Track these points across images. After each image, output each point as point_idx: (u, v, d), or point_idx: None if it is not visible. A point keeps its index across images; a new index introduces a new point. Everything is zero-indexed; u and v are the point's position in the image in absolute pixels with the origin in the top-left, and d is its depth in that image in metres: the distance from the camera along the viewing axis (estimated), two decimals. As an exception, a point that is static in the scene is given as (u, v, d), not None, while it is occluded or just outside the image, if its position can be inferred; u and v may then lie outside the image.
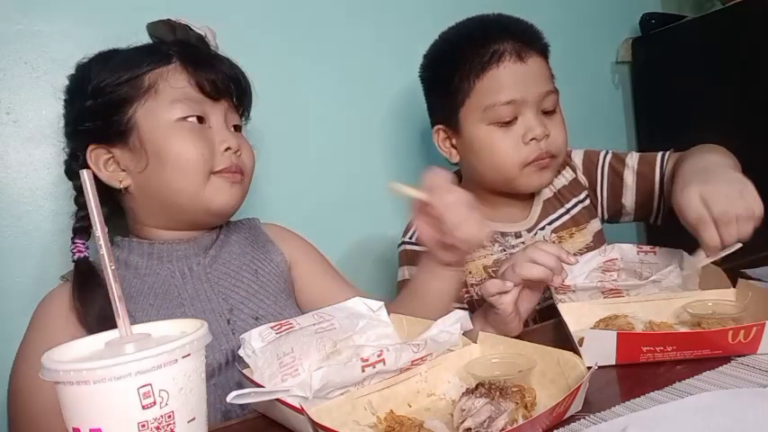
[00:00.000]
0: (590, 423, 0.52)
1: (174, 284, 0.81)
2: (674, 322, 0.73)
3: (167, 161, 0.79)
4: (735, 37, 1.40)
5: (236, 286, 0.84)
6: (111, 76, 0.79)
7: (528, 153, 0.93)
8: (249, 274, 0.86)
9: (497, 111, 0.92)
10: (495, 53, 0.92)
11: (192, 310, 0.79)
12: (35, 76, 1.02)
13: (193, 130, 0.80)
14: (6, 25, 0.99)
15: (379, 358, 0.59)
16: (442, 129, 1.01)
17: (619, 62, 1.68)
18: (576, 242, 1.02)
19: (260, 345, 0.60)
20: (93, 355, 0.43)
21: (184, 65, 0.81)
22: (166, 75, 0.80)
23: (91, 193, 0.43)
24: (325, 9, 1.27)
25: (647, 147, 1.67)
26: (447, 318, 0.67)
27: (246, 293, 0.84)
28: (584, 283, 0.82)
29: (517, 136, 0.93)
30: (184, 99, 0.80)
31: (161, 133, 0.79)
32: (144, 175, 0.80)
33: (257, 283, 0.86)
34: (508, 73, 0.92)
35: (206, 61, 0.83)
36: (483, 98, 0.93)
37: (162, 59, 0.81)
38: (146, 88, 0.79)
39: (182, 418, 0.41)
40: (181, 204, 0.81)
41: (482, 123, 0.94)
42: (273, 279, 0.88)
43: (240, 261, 0.87)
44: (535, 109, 0.93)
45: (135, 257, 0.82)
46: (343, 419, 0.54)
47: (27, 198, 1.02)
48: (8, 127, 1.00)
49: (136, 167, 0.80)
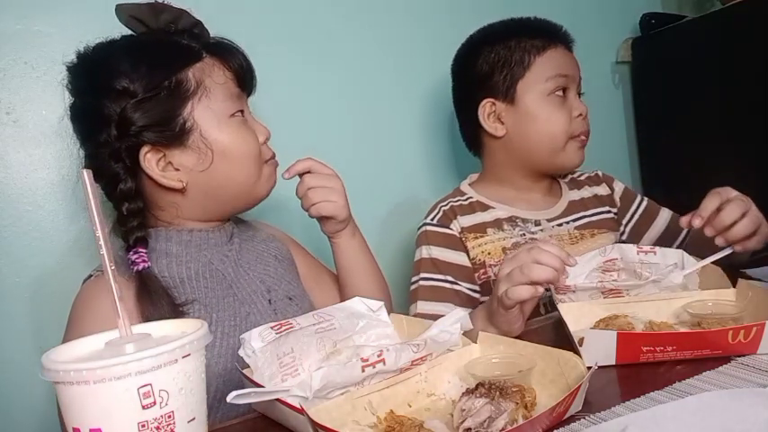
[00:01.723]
0: (590, 423, 0.52)
1: (217, 268, 0.83)
2: (674, 322, 0.73)
3: (232, 155, 0.81)
4: (735, 37, 1.40)
5: (266, 270, 0.89)
6: (151, 78, 0.76)
7: (576, 127, 1.05)
8: (272, 258, 0.91)
9: (557, 81, 1.04)
10: (551, 38, 1.07)
11: (240, 292, 0.83)
12: (35, 76, 1.02)
13: (244, 124, 0.83)
14: (6, 25, 0.99)
15: (379, 358, 0.59)
16: (492, 102, 1.08)
17: (619, 62, 1.68)
18: (596, 242, 1.06)
19: (260, 345, 0.60)
20: (93, 355, 0.43)
21: (216, 59, 0.81)
22: (207, 71, 0.79)
23: (91, 193, 0.43)
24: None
25: (647, 147, 1.68)
26: (447, 318, 0.67)
27: (276, 276, 0.89)
28: (584, 283, 0.82)
29: (568, 110, 1.05)
30: (230, 95, 0.81)
31: (222, 130, 0.80)
32: (206, 173, 0.79)
33: (282, 267, 0.91)
34: (561, 55, 1.07)
35: (230, 52, 0.83)
36: (544, 71, 1.04)
37: (194, 56, 0.79)
38: (194, 87, 0.78)
39: (182, 418, 0.41)
40: (237, 195, 0.84)
41: (543, 94, 1.05)
42: (290, 264, 0.95)
43: (260, 249, 0.92)
44: (576, 90, 1.07)
45: (173, 246, 0.81)
46: (343, 419, 0.54)
47: (27, 198, 1.01)
48: (8, 127, 1.00)
49: (197, 166, 0.79)
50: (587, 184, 1.17)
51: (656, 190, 1.66)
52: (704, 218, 0.82)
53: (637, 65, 1.65)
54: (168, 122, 0.76)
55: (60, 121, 1.02)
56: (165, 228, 0.82)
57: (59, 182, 1.03)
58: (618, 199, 1.16)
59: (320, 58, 1.26)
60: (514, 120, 1.06)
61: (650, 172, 1.68)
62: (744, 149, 1.40)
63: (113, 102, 0.75)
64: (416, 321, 0.72)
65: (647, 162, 1.68)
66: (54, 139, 1.03)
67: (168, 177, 0.78)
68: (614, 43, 1.66)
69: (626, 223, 1.15)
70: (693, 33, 1.52)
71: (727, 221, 0.81)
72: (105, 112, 0.75)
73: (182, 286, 0.78)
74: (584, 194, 1.14)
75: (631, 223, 1.15)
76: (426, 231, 1.06)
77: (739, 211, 0.81)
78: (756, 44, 1.34)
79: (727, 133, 1.44)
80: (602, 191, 1.16)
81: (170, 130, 0.77)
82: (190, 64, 0.78)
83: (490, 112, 1.07)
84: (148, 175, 0.77)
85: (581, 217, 1.10)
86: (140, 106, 0.75)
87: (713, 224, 0.82)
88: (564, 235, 1.06)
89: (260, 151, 0.84)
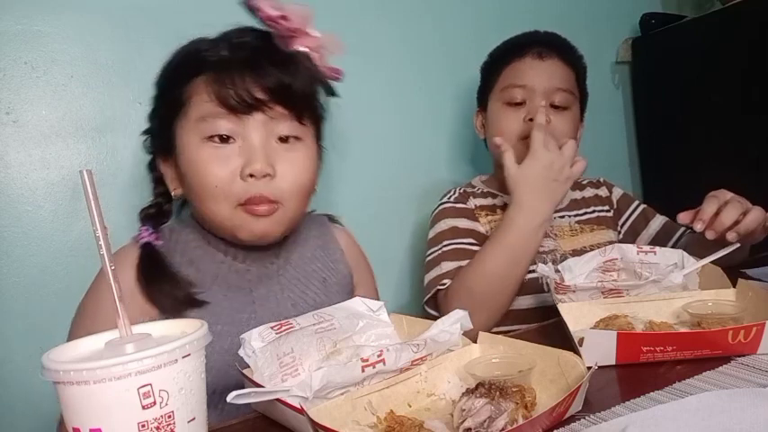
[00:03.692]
0: (590, 423, 0.52)
1: (248, 279, 0.80)
2: (674, 322, 0.73)
3: (191, 187, 0.76)
4: (735, 37, 1.40)
5: (304, 293, 0.83)
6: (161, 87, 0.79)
7: (526, 129, 1.04)
8: (318, 282, 0.85)
9: (510, 91, 1.08)
10: (521, 50, 1.09)
11: (261, 310, 0.79)
12: (35, 76, 1.02)
13: (214, 153, 0.73)
14: (6, 25, 0.99)
15: (379, 358, 0.59)
16: (479, 111, 1.19)
17: (619, 62, 1.68)
18: (595, 236, 1.11)
19: (260, 345, 0.60)
20: (93, 355, 0.43)
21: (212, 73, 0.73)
22: (196, 88, 0.74)
23: (91, 193, 0.43)
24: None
25: (647, 147, 1.68)
26: (447, 318, 0.67)
27: (314, 303, 0.82)
28: (584, 283, 0.82)
29: (521, 116, 1.07)
30: (205, 115, 0.73)
31: (188, 154, 0.74)
32: (188, 194, 0.78)
33: (324, 293, 0.84)
34: (527, 65, 1.08)
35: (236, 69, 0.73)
36: (503, 82, 1.10)
37: (192, 70, 0.75)
38: (180, 103, 0.74)
39: (182, 418, 0.41)
40: (221, 230, 0.78)
41: (499, 102, 1.10)
42: (338, 290, 0.87)
43: (310, 267, 0.86)
44: (544, 99, 1.06)
45: (213, 240, 0.80)
46: (343, 419, 0.54)
47: (27, 198, 1.01)
48: (8, 127, 1.00)
49: (181, 184, 0.78)
50: (588, 187, 1.20)
51: (655, 190, 1.66)
52: (705, 221, 0.84)
53: (637, 65, 1.66)
54: (160, 134, 0.79)
55: (60, 121, 1.03)
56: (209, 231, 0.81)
57: (59, 182, 1.03)
58: (615, 201, 1.20)
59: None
60: (486, 126, 1.15)
61: (650, 171, 1.68)
62: (743, 149, 1.40)
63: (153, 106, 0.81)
64: (416, 321, 0.72)
65: (647, 162, 1.68)
66: (54, 139, 1.03)
67: (173, 185, 0.80)
68: (614, 43, 1.67)
69: (622, 224, 1.18)
70: (693, 33, 1.52)
71: (727, 223, 0.83)
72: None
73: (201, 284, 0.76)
74: (586, 194, 1.18)
75: (627, 224, 1.17)
76: (444, 208, 1.12)
77: (736, 212, 0.83)
78: (756, 44, 1.34)
79: (727, 133, 1.44)
80: (603, 192, 1.20)
81: (161, 141, 0.79)
82: (189, 78, 0.75)
83: (479, 119, 1.18)
84: None
85: (582, 213, 1.14)
86: (150, 117, 0.80)
87: (714, 227, 0.83)
88: (565, 227, 1.11)
89: (228, 190, 0.73)
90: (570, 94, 1.08)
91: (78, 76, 1.05)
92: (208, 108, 0.73)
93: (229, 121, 0.73)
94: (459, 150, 1.44)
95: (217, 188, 0.73)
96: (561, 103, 1.06)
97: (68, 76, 1.04)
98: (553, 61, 1.08)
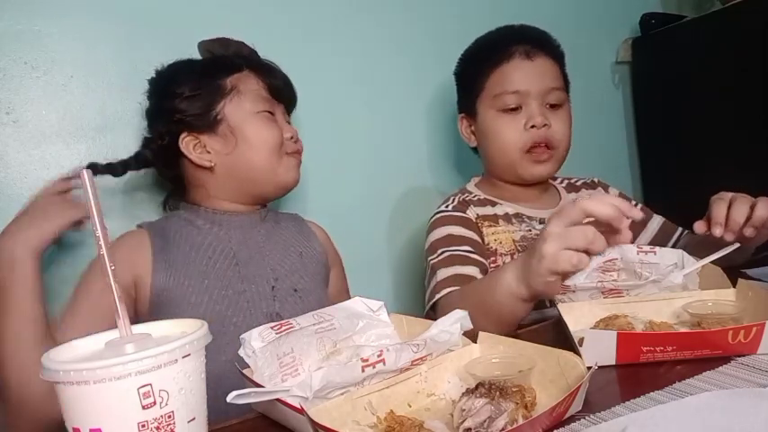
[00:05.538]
0: (590, 423, 0.52)
1: (231, 247, 0.94)
2: (674, 322, 0.73)
3: (252, 143, 0.95)
4: (735, 37, 1.40)
5: (283, 260, 0.97)
6: (198, 83, 0.95)
7: (528, 139, 1.04)
8: (295, 254, 1.00)
9: (504, 98, 1.05)
10: (507, 51, 1.06)
11: (244, 270, 0.93)
12: (35, 76, 1.02)
13: (269, 119, 0.97)
14: (6, 25, 0.99)
15: (379, 358, 0.59)
16: (464, 116, 1.15)
17: (619, 62, 1.68)
18: None
19: (260, 345, 0.60)
20: (93, 355, 0.43)
21: (254, 71, 0.98)
22: (243, 79, 0.97)
23: (91, 193, 0.43)
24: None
25: (647, 147, 1.68)
26: (447, 318, 0.67)
27: (291, 268, 0.97)
28: (584, 283, 0.82)
29: (520, 123, 1.05)
30: (260, 97, 0.97)
31: (247, 122, 0.95)
32: (231, 156, 0.95)
33: (300, 263, 0.99)
34: (516, 68, 1.05)
35: (269, 69, 1.01)
36: (494, 88, 1.06)
37: (235, 68, 0.97)
38: (229, 89, 0.95)
39: (182, 418, 0.41)
40: (258, 179, 0.97)
41: (492, 110, 1.07)
42: (314, 262, 1.02)
43: (288, 242, 1.01)
44: (539, 101, 1.05)
45: (200, 221, 0.96)
46: (343, 419, 0.54)
47: (27, 198, 1.01)
48: (8, 127, 1.00)
49: (224, 150, 0.95)
50: (584, 188, 1.19)
51: (655, 190, 1.66)
52: (723, 224, 0.82)
53: (637, 65, 1.66)
54: (204, 114, 0.94)
55: (60, 121, 1.03)
56: (202, 207, 0.97)
57: (59, 182, 1.03)
58: None
59: (330, 57, 1.28)
60: (478, 134, 1.13)
61: (650, 172, 1.68)
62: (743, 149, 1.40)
63: (168, 101, 0.95)
64: (416, 321, 0.72)
65: (647, 162, 1.68)
66: (54, 139, 1.03)
67: (201, 158, 0.95)
68: (614, 43, 1.67)
69: None
70: (693, 33, 1.52)
71: (740, 221, 0.81)
72: (162, 108, 0.96)
73: (188, 250, 0.91)
74: (583, 196, 1.16)
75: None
76: (442, 216, 1.08)
77: (746, 208, 0.82)
78: (756, 44, 1.34)
79: (727, 133, 1.44)
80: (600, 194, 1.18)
81: (204, 120, 0.94)
82: (230, 73, 0.96)
83: (467, 125, 1.15)
84: (186, 156, 0.95)
85: None
86: (185, 101, 0.94)
87: (730, 228, 0.82)
88: None
89: (281, 143, 0.97)
90: (562, 90, 1.08)
91: (78, 76, 1.05)
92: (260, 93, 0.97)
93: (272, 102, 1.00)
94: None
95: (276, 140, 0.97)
96: (556, 101, 1.06)
97: (68, 76, 1.04)
98: (542, 60, 1.06)
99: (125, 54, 1.07)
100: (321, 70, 1.26)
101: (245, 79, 0.97)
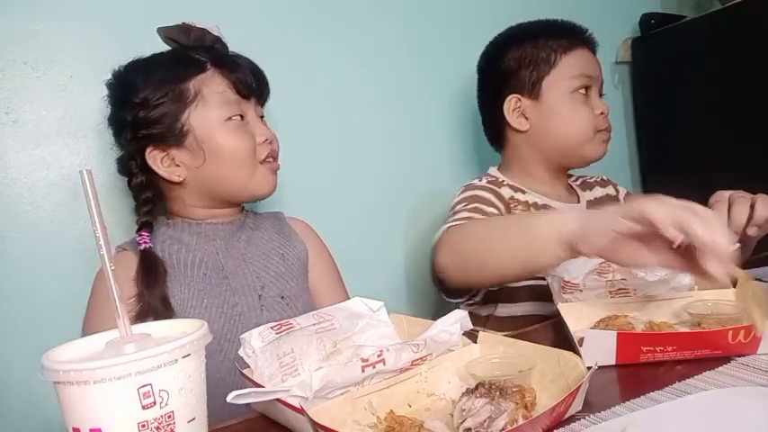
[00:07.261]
0: (590, 423, 0.52)
1: (219, 260, 0.92)
2: (674, 322, 0.73)
3: (222, 156, 0.90)
4: (735, 37, 1.40)
5: (266, 267, 0.95)
6: (159, 90, 0.88)
7: (599, 123, 1.09)
8: (277, 257, 0.97)
9: (580, 80, 1.08)
10: (577, 39, 1.11)
11: (234, 283, 0.91)
12: (35, 76, 1.02)
13: (238, 126, 0.91)
14: (6, 25, 0.99)
15: (379, 358, 0.59)
16: (517, 97, 1.11)
17: (619, 62, 1.68)
18: None
19: (260, 345, 0.60)
20: (93, 355, 0.43)
21: (219, 70, 0.91)
22: (207, 81, 0.90)
23: (91, 193, 0.43)
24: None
25: (647, 147, 1.68)
26: (447, 318, 0.67)
27: (275, 274, 0.95)
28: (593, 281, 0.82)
29: (590, 106, 1.09)
30: (227, 102, 0.91)
31: (214, 132, 0.90)
32: (201, 170, 0.90)
33: (284, 266, 0.97)
34: (586, 56, 1.11)
35: (235, 63, 0.93)
36: (569, 69, 1.08)
37: (198, 68, 0.90)
38: (193, 96, 0.89)
39: (182, 418, 0.41)
40: (230, 191, 0.94)
41: (567, 92, 1.08)
42: (296, 263, 0.99)
43: (269, 246, 0.98)
44: (598, 91, 1.12)
45: (186, 236, 0.93)
46: (343, 419, 0.54)
47: (27, 198, 1.02)
48: (8, 127, 1.00)
49: (193, 163, 0.90)
50: (597, 186, 1.21)
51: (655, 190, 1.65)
52: None
53: (636, 65, 1.65)
54: (168, 126, 0.89)
55: (60, 121, 1.03)
56: (181, 219, 0.94)
57: (59, 182, 1.03)
58: (622, 200, 1.20)
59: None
60: (539, 115, 1.10)
61: (650, 172, 1.68)
62: (744, 149, 1.40)
63: (129, 111, 0.89)
64: (416, 321, 0.72)
65: (647, 162, 1.68)
66: (54, 139, 1.03)
67: (169, 172, 0.90)
68: (614, 43, 1.67)
69: None
70: (693, 33, 1.52)
71: (742, 220, 0.80)
72: (124, 120, 0.90)
73: (184, 270, 0.89)
74: (597, 194, 1.19)
75: None
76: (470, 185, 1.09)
77: (746, 207, 0.81)
78: (756, 44, 1.34)
79: (727, 133, 1.44)
80: (611, 191, 1.21)
81: (170, 132, 0.89)
82: (192, 75, 0.89)
83: (515, 108, 1.11)
84: (153, 170, 0.90)
85: None
86: (148, 113, 0.88)
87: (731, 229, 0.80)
88: None
89: (253, 151, 0.92)
90: None
91: (78, 76, 1.05)
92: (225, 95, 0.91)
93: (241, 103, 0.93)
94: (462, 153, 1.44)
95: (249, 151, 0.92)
96: (602, 91, 1.13)
97: (68, 76, 1.04)
98: (593, 51, 1.13)
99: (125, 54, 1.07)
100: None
101: (210, 81, 0.90)
